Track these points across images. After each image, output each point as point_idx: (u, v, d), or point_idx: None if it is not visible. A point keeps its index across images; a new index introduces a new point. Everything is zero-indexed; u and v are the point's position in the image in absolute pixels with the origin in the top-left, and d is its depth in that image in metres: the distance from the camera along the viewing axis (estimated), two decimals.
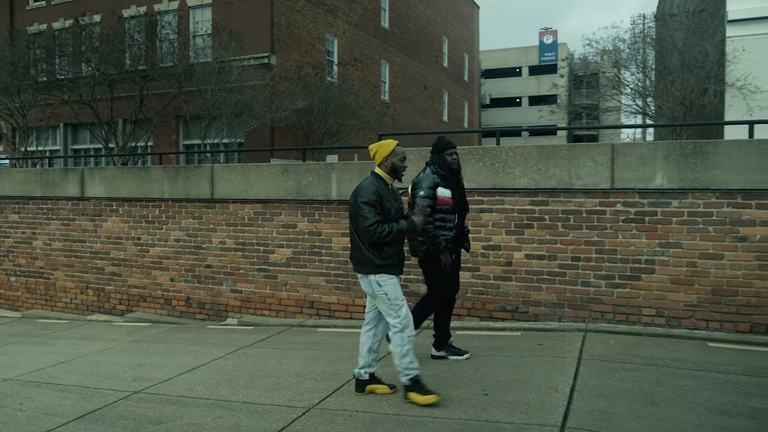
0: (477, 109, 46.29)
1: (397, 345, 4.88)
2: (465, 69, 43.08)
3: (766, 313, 6.33)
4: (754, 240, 6.40)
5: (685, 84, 15.30)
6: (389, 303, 4.90)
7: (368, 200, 4.90)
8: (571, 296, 7.07)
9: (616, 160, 6.96)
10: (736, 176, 6.50)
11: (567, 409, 4.46)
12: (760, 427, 4.08)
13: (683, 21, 17.92)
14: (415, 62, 34.10)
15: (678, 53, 16.27)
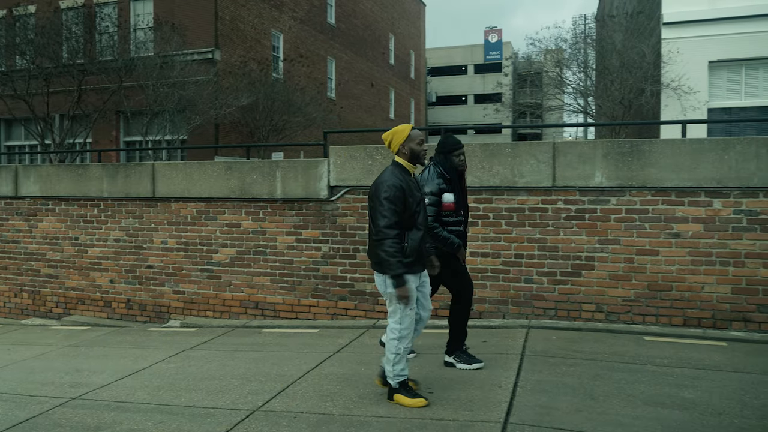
0: (423, 107, 46.57)
1: (391, 351, 4.67)
2: (411, 66, 43.27)
3: (698, 307, 6.57)
4: (687, 236, 6.62)
5: (623, 84, 15.71)
6: (399, 307, 4.63)
7: (390, 196, 4.51)
8: (515, 293, 7.19)
9: (557, 158, 7.10)
10: (670, 174, 6.71)
11: (510, 405, 4.53)
12: (691, 417, 4.22)
13: (622, 22, 18.38)
14: (361, 59, 34.08)
15: (617, 54, 16.68)
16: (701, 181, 6.61)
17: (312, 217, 8.17)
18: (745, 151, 6.51)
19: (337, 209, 8.02)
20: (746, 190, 6.48)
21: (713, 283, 6.53)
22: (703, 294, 6.56)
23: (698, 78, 13.72)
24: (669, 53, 14.04)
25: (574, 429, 4.09)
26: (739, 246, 6.46)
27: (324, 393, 5.04)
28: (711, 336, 6.29)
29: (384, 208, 4.49)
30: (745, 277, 6.42)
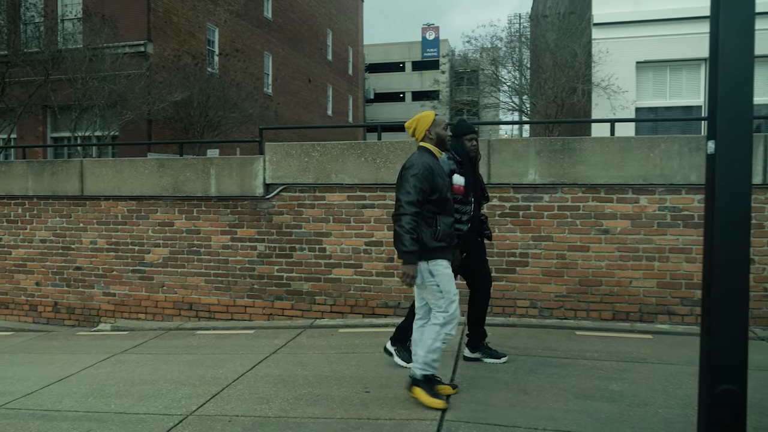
0: (361, 104, 46.53)
1: (430, 337, 4.50)
2: (349, 63, 43.17)
3: (626, 302, 6.79)
4: (616, 232, 6.82)
5: (556, 83, 16.03)
6: (441, 295, 4.49)
7: (418, 173, 4.38)
8: None
9: (492, 156, 7.19)
10: (599, 172, 6.89)
11: (446, 402, 4.56)
12: (619, 409, 4.35)
13: (555, 22, 18.74)
14: (298, 54, 33.78)
15: (550, 53, 17.01)
16: (629, 179, 6.81)
17: (247, 215, 8.05)
18: (668, 150, 6.74)
19: (273, 207, 7.92)
20: (670, 187, 6.71)
21: (640, 278, 6.75)
22: (630, 288, 6.77)
23: (626, 78, 14.11)
24: (599, 53, 14.38)
25: (508, 424, 4.16)
26: (664, 241, 6.70)
27: (260, 395, 4.97)
28: (638, 329, 6.51)
29: (409, 185, 4.37)
30: (670, 271, 6.66)
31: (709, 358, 3.13)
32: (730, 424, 3.12)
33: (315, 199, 7.75)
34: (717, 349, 3.11)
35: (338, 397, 4.80)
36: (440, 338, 4.48)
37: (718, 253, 3.00)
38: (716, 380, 3.11)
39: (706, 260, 2.98)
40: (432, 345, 4.48)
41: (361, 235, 7.57)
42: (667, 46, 13.28)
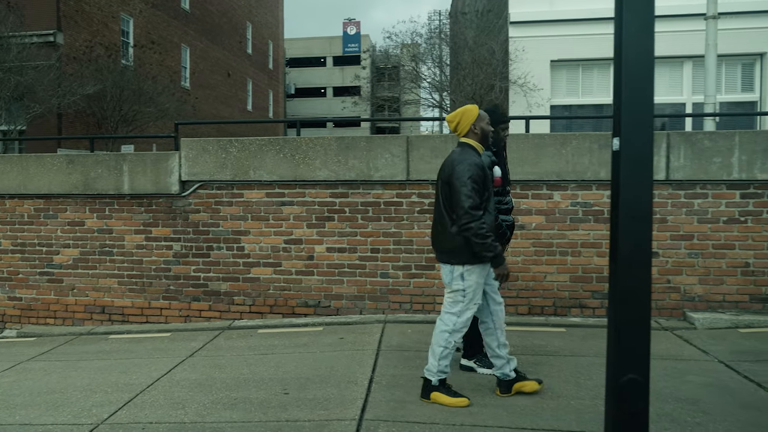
0: (282, 99, 45.98)
1: (440, 345, 4.44)
2: (270, 57, 42.57)
3: (541, 296, 6.95)
4: (531, 228, 6.97)
5: (475, 80, 16.30)
6: (462, 301, 4.39)
7: (474, 175, 4.21)
8: (371, 288, 7.25)
9: (411, 152, 7.21)
10: (515, 168, 6.98)
11: (365, 402, 4.55)
12: (533, 402, 4.45)
13: (473, 20, 19.04)
14: (217, 48, 33.04)
15: (469, 50, 17.27)
16: (543, 175, 6.97)
17: (162, 213, 7.80)
18: (580, 146, 6.93)
19: (189, 205, 7.70)
20: (581, 183, 6.91)
21: (554, 273, 6.93)
22: (545, 283, 6.94)
23: (541, 76, 14.47)
24: (516, 51, 14.69)
25: (427, 422, 4.18)
26: (576, 236, 6.90)
27: (175, 400, 4.82)
28: (552, 323, 6.68)
29: (468, 189, 4.21)
30: (581, 265, 6.87)
31: (614, 349, 3.21)
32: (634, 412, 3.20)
33: (233, 196, 7.59)
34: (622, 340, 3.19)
35: (256, 400, 4.71)
36: (450, 345, 4.44)
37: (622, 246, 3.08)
38: (621, 370, 3.19)
39: (612, 254, 3.06)
40: (443, 352, 4.44)
41: (281, 233, 7.46)
42: (579, 46, 13.70)
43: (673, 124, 13.91)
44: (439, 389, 4.49)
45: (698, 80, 13.21)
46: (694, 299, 6.76)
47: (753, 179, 6.70)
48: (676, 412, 4.23)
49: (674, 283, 6.76)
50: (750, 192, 6.72)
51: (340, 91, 54.93)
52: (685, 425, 4.03)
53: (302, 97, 56.49)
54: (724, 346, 5.46)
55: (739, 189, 6.73)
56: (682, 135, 6.91)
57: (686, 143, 6.79)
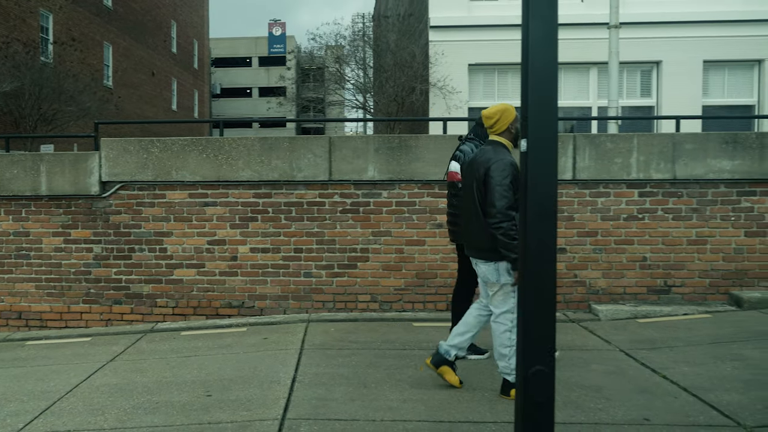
0: (207, 99, 44.97)
1: (505, 346, 4.35)
2: (195, 56, 41.57)
3: None
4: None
5: (397, 82, 16.40)
6: (513, 295, 4.30)
7: (509, 175, 4.18)
8: (295, 288, 7.19)
9: (333, 152, 7.19)
10: (433, 168, 7.09)
11: (288, 401, 4.51)
12: (450, 395, 4.52)
13: (395, 23, 19.15)
14: (141, 46, 32.00)
15: (391, 53, 17.36)
16: None
17: (82, 215, 7.49)
18: None
19: (110, 206, 7.43)
20: None
21: None
22: None
23: (460, 79, 14.70)
24: (435, 55, 14.86)
25: (349, 418, 4.18)
26: None
27: (94, 407, 4.64)
28: None
29: (504, 188, 4.16)
30: None
31: (523, 341, 3.28)
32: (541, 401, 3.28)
33: (155, 197, 7.36)
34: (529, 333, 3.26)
35: (179, 403, 4.59)
36: (513, 342, 4.29)
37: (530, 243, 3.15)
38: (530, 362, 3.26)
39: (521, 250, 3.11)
40: (510, 352, 4.33)
41: (204, 234, 7.30)
42: (495, 50, 13.98)
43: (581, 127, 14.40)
44: None
45: (603, 85, 13.71)
46: (598, 292, 7.02)
47: (649, 179, 7.00)
48: (581, 399, 4.38)
49: (580, 278, 7.00)
50: (647, 191, 7.02)
51: (265, 92, 54.21)
52: (589, 411, 4.17)
53: (228, 97, 55.44)
54: (624, 336, 5.69)
55: (637, 188, 7.02)
56: (587, 137, 7.15)
57: (591, 145, 7.03)
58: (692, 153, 7.00)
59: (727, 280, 6.98)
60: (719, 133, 7.25)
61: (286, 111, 32.09)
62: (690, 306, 6.81)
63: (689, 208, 7.01)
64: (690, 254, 6.97)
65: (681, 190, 6.99)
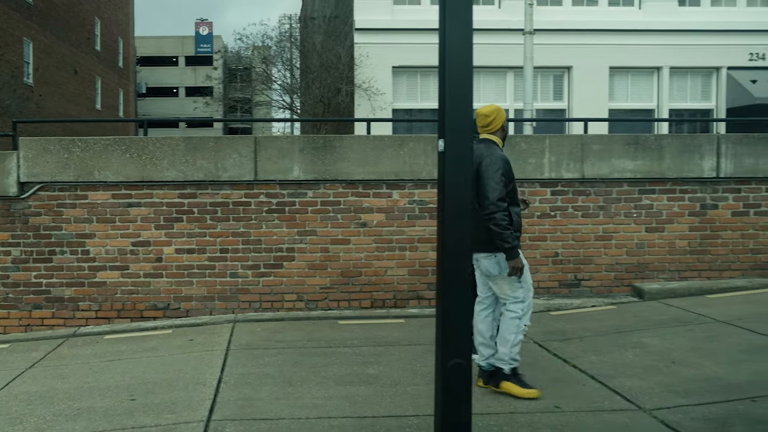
0: (133, 98, 43.32)
1: (511, 332, 4.32)
2: (120, 54, 40.00)
3: (382, 290, 7.07)
4: (372, 225, 7.07)
5: (323, 83, 16.30)
6: (519, 285, 4.32)
7: (501, 168, 4.27)
8: (221, 288, 7.03)
9: (259, 152, 7.07)
10: (358, 168, 7.08)
11: (213, 403, 4.41)
12: (374, 391, 4.53)
13: (321, 25, 19.03)
14: (63, 43, 30.53)
15: (317, 54, 17.24)
16: (383, 175, 7.08)
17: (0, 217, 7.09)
18: (416, 148, 7.12)
19: (29, 208, 7.05)
20: (418, 182, 7.10)
21: (394, 267, 7.07)
22: (386, 277, 7.07)
23: (384, 81, 14.75)
24: (360, 57, 14.85)
25: (274, 417, 4.13)
26: (413, 232, 7.08)
27: (13, 415, 4.40)
28: (393, 315, 6.81)
29: (495, 181, 4.23)
30: (418, 259, 7.06)
31: (442, 336, 3.32)
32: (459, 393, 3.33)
33: (76, 198, 7.04)
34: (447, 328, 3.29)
35: (101, 409, 4.41)
36: (521, 330, 4.34)
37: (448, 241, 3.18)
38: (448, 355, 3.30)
39: (439, 247, 3.14)
40: (515, 339, 4.32)
41: (128, 235, 7.04)
42: (418, 53, 14.07)
43: None
44: (511, 379, 4.35)
45: (519, 89, 14.04)
46: None
47: (560, 178, 7.22)
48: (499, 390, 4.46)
49: None
50: (558, 189, 7.24)
51: (192, 91, 52.67)
52: (505, 401, 4.26)
53: (154, 96, 53.62)
54: (538, 329, 5.84)
55: (549, 187, 7.22)
56: None
57: (507, 146, 7.11)
58: (599, 154, 7.25)
59: (630, 273, 7.28)
60: (623, 135, 7.56)
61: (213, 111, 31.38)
62: (597, 298, 7.07)
63: (596, 205, 7.27)
64: (597, 249, 7.23)
65: (589, 188, 7.24)
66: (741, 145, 7.40)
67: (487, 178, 4.26)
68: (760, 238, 7.40)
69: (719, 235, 7.37)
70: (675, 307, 6.54)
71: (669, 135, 7.58)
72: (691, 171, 7.33)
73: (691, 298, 6.83)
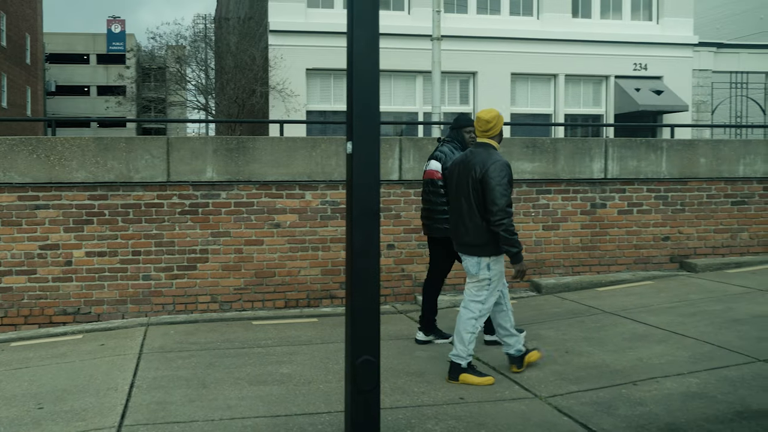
0: (42, 96, 40.83)
1: (468, 331, 4.46)
2: (27, 51, 37.62)
3: (296, 290, 7.00)
4: (286, 226, 6.99)
5: (237, 84, 15.95)
6: (487, 289, 4.47)
7: (508, 175, 4.35)
8: (134, 291, 6.75)
9: (171, 153, 6.84)
10: (271, 169, 6.97)
11: (125, 408, 4.24)
12: (287, 390, 4.48)
13: (236, 26, 18.62)
14: None
15: (232, 55, 16.86)
16: (296, 176, 7.01)
17: None
18: (327, 150, 7.09)
19: None
20: (330, 183, 7.07)
21: (307, 267, 7.01)
22: (299, 277, 7.00)
23: (298, 83, 14.62)
24: (275, 58, 14.65)
25: (187, 420, 4.01)
26: (326, 232, 7.05)
27: None
28: (306, 314, 6.75)
29: (503, 188, 4.29)
30: (331, 259, 7.03)
31: (351, 333, 3.33)
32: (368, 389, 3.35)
33: None
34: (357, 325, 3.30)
35: (6, 419, 4.14)
36: (476, 330, 4.49)
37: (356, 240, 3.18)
38: (357, 352, 3.31)
39: (348, 247, 3.14)
40: (470, 338, 4.47)
41: (35, 238, 6.64)
42: (331, 56, 14.03)
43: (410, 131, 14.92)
44: (468, 371, 4.49)
45: (427, 92, 14.26)
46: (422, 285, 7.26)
47: None
48: (407, 384, 4.52)
49: (407, 272, 7.22)
50: None
51: (104, 90, 50.19)
52: (413, 395, 4.32)
53: (64, 95, 50.73)
54: (445, 323, 5.92)
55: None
56: (411, 140, 7.38)
57: (414, 148, 7.27)
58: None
59: (529, 270, 7.54)
60: (522, 138, 7.82)
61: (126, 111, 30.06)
62: None
63: None
64: None
65: None
66: (625, 149, 7.82)
67: (494, 185, 4.31)
68: (642, 234, 7.85)
69: (607, 232, 7.76)
70: (569, 301, 6.83)
71: (563, 138, 7.90)
72: (582, 172, 7.68)
73: (583, 292, 7.15)
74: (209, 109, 19.05)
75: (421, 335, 5.51)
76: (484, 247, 4.43)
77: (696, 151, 8.01)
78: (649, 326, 5.60)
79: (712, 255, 7.98)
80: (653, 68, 16.23)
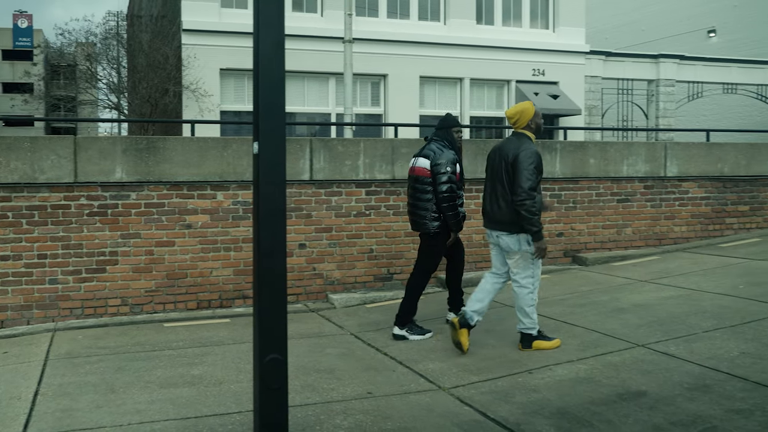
0: None
1: (528, 304, 4.80)
2: None
3: (208, 290, 6.80)
4: (197, 226, 6.78)
5: (150, 83, 15.32)
6: (532, 262, 4.78)
7: (535, 161, 4.63)
8: (39, 296, 6.35)
9: (79, 153, 6.49)
10: (182, 170, 6.75)
11: (29, 417, 4.00)
12: (198, 391, 4.36)
13: (148, 24, 17.90)
14: None
15: (144, 54, 16.19)
16: (207, 176, 6.82)
17: None
18: (239, 150, 6.93)
19: None
20: (242, 183, 6.91)
21: (219, 267, 6.84)
22: (211, 278, 6.82)
23: (212, 83, 14.22)
24: (188, 58, 14.18)
25: (95, 426, 3.85)
26: (238, 233, 6.90)
27: None
28: (219, 315, 6.57)
29: (529, 172, 4.58)
30: (243, 259, 6.88)
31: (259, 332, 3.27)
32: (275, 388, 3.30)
33: None
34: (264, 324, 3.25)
35: None
36: (534, 301, 4.83)
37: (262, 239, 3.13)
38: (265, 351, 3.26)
39: (255, 247, 3.09)
40: (531, 311, 4.82)
41: None
42: (245, 56, 13.64)
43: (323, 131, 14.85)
44: (538, 338, 4.86)
45: (340, 94, 14.23)
46: (334, 282, 7.26)
47: (373, 179, 7.40)
48: (317, 382, 4.50)
49: (318, 270, 7.18)
50: (372, 189, 7.40)
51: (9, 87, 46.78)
52: (323, 392, 4.32)
53: None
54: (354, 321, 5.96)
55: (364, 187, 7.37)
56: (322, 141, 7.35)
57: (325, 148, 7.24)
58: (406, 156, 7.50)
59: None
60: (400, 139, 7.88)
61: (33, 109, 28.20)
62: None
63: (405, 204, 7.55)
64: (407, 245, 7.48)
65: (399, 188, 7.47)
66: None
67: (522, 169, 4.62)
68: None
69: None
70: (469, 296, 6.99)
71: (467, 140, 8.06)
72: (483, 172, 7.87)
73: None
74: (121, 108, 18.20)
75: (397, 329, 5.45)
76: (517, 223, 4.72)
77: (587, 152, 8.41)
78: (543, 317, 5.84)
79: (600, 249, 8.40)
80: (550, 74, 16.90)
